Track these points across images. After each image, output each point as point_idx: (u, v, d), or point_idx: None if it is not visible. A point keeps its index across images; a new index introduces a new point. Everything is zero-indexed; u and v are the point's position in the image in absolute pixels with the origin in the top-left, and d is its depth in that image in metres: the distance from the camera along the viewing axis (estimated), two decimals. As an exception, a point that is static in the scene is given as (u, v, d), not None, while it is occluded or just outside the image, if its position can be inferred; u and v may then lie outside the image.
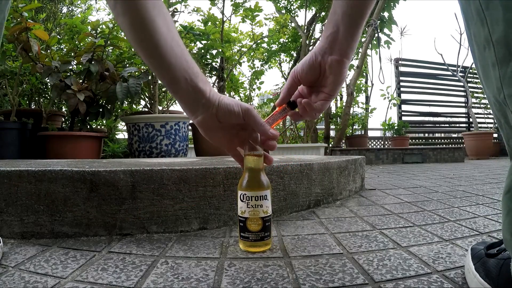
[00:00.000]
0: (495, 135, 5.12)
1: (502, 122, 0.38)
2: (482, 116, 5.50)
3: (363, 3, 0.46)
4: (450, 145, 5.13)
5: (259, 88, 3.72)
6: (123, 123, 2.50)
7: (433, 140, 6.08)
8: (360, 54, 3.73)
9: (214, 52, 2.51)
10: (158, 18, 0.46)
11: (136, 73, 1.95)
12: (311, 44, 3.84)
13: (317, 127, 4.06)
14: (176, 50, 0.48)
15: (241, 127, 0.57)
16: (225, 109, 0.52)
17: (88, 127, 1.95)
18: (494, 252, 0.46)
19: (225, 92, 3.00)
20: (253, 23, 3.18)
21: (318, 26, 4.01)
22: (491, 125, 5.52)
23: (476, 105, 5.25)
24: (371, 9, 0.48)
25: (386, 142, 4.92)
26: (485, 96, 0.41)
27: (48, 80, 1.84)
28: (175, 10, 2.22)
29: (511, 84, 0.32)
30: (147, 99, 2.31)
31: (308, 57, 0.51)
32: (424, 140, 5.97)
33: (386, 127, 4.60)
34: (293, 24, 3.96)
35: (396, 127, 4.52)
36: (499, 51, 0.33)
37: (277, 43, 3.91)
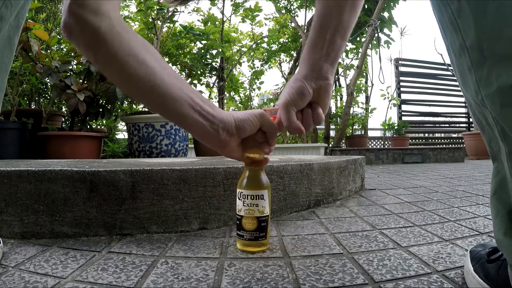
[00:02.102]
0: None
1: (483, 123, 0.38)
2: (482, 116, 5.48)
3: (342, 28, 0.50)
4: (450, 145, 5.13)
5: (259, 88, 3.72)
6: (123, 123, 2.50)
7: (433, 140, 6.08)
8: (360, 54, 3.73)
9: (214, 52, 2.51)
10: (148, 59, 0.42)
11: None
12: (311, 44, 3.84)
13: (317, 127, 4.06)
14: (176, 84, 0.45)
15: (253, 133, 0.56)
16: (243, 124, 0.51)
17: (88, 127, 1.95)
18: (495, 257, 0.46)
19: (225, 92, 2.99)
20: (253, 23, 3.18)
21: (318, 26, 4.00)
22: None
23: (476, 105, 5.24)
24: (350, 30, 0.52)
25: (386, 142, 4.92)
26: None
27: (48, 80, 1.84)
28: (175, 10, 2.22)
29: (487, 85, 0.33)
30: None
31: (297, 87, 0.52)
32: (424, 140, 5.97)
33: (386, 127, 4.60)
34: (293, 24, 3.95)
35: (396, 127, 4.52)
36: (473, 55, 0.34)
37: (277, 43, 3.91)
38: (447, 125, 6.14)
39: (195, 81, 2.58)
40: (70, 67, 1.88)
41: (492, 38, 0.31)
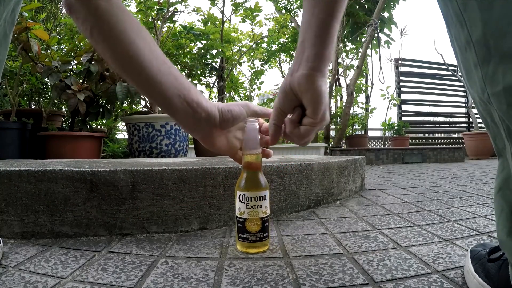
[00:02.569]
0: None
1: (489, 121, 0.38)
2: (482, 116, 5.49)
3: (330, 3, 0.41)
4: (450, 145, 5.13)
5: (259, 88, 3.72)
6: (123, 123, 2.50)
7: (433, 140, 6.08)
8: (360, 54, 3.73)
9: (214, 52, 2.51)
10: (138, 40, 0.43)
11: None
12: (311, 44, 3.84)
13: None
14: (163, 68, 0.45)
15: (240, 128, 0.56)
16: (229, 115, 0.50)
17: (88, 127, 1.95)
18: (496, 257, 0.46)
19: (225, 92, 2.99)
20: (253, 23, 3.18)
21: (318, 26, 4.00)
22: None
23: (476, 105, 5.24)
24: (342, 11, 0.42)
25: (386, 142, 4.92)
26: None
27: (48, 80, 1.84)
28: (175, 10, 2.22)
29: (493, 83, 0.32)
30: (147, 99, 2.31)
31: (281, 84, 0.46)
32: (424, 140, 5.97)
33: (386, 127, 4.60)
34: (293, 24, 3.95)
35: (396, 127, 4.52)
36: (480, 51, 0.33)
37: (277, 43, 3.91)
38: (447, 125, 6.14)
39: (195, 81, 2.58)
40: (70, 67, 1.88)
41: (498, 34, 0.30)
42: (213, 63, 2.64)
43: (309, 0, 0.42)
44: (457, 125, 6.06)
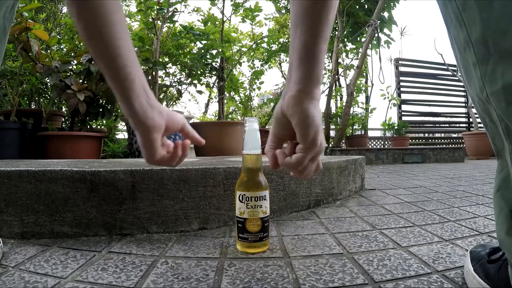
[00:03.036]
0: (495, 135, 5.11)
1: (487, 120, 0.38)
2: (482, 116, 5.48)
3: (313, 24, 0.38)
4: (450, 145, 5.13)
5: (259, 88, 3.71)
6: (123, 123, 2.50)
7: (433, 140, 6.07)
8: (360, 54, 3.73)
9: (214, 52, 2.51)
10: (116, 22, 0.40)
11: (136, 73, 1.95)
12: (311, 44, 3.84)
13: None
14: (134, 58, 0.43)
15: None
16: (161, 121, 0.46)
17: (88, 127, 1.95)
18: (496, 258, 0.46)
19: (225, 92, 2.99)
20: (253, 23, 3.18)
21: (318, 26, 4.00)
22: (491, 125, 5.50)
23: (476, 105, 5.24)
24: (328, 31, 0.39)
25: (386, 142, 4.92)
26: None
27: (48, 80, 1.84)
28: (175, 10, 2.22)
29: (492, 82, 0.32)
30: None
31: (275, 109, 0.43)
32: (424, 140, 5.97)
33: (386, 127, 4.60)
34: (293, 24, 3.95)
35: (396, 127, 4.52)
36: (479, 51, 0.33)
37: (277, 43, 3.91)
38: (447, 125, 6.13)
39: (195, 81, 2.58)
40: (70, 67, 1.87)
41: (497, 33, 0.31)
42: (213, 63, 2.64)
43: (292, 20, 0.40)
44: (457, 125, 6.06)
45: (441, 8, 0.39)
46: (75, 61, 1.96)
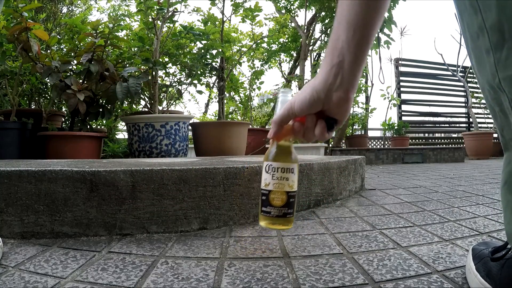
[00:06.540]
0: (495, 135, 5.12)
1: (497, 110, 0.38)
2: (482, 116, 5.49)
3: (370, 25, 0.39)
4: (450, 145, 5.13)
5: (259, 88, 3.71)
6: (123, 123, 2.50)
7: (433, 140, 6.07)
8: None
9: (214, 52, 2.50)
10: None
11: (136, 73, 1.95)
12: (311, 44, 3.84)
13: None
14: None
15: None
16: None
17: (88, 127, 1.95)
18: (499, 256, 0.46)
19: (225, 92, 2.99)
20: (253, 23, 3.17)
21: (318, 26, 4.00)
22: (491, 125, 5.51)
23: (476, 105, 5.24)
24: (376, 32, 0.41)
25: (386, 142, 4.92)
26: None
27: (48, 80, 1.84)
28: (175, 10, 2.22)
29: (506, 67, 0.33)
30: (147, 99, 2.31)
31: (309, 95, 0.44)
32: (424, 140, 5.97)
33: (386, 127, 4.60)
34: (293, 24, 3.95)
35: (396, 127, 4.52)
36: (493, 36, 0.33)
37: (277, 43, 3.91)
38: (447, 125, 6.14)
39: (195, 81, 2.58)
40: (70, 67, 1.88)
41: None
42: (213, 63, 2.64)
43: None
44: (457, 125, 6.06)
45: None
46: (75, 61, 1.96)
